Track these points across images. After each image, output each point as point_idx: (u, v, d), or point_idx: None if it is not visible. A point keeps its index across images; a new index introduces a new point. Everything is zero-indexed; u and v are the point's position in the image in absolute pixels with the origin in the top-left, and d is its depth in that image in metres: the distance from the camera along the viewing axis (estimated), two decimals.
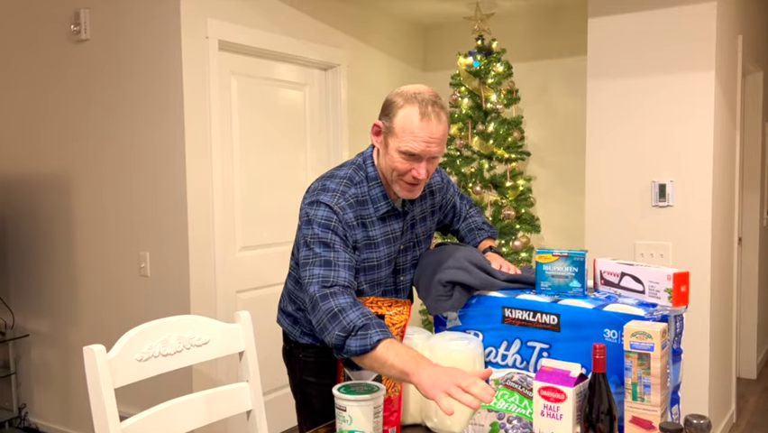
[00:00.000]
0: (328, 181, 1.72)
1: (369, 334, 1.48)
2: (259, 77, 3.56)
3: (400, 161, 1.65)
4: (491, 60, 3.88)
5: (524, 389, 1.62)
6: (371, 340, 1.47)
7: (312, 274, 1.59)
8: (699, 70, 3.22)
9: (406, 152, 1.63)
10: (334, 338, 1.51)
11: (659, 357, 1.38)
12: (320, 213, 1.65)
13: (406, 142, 1.62)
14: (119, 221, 3.32)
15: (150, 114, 3.17)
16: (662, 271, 1.56)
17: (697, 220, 3.27)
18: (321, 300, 1.55)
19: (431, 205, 1.90)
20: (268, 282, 3.60)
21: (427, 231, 1.91)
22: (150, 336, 1.50)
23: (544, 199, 4.28)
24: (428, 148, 1.62)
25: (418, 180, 1.67)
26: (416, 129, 1.61)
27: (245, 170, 3.49)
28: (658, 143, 3.34)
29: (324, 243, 1.62)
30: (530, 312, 1.65)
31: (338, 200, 1.67)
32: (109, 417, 1.35)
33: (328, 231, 1.63)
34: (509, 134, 3.85)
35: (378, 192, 1.73)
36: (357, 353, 1.49)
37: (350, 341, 1.49)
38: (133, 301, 3.27)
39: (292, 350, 1.90)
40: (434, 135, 1.62)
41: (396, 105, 1.66)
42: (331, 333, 1.52)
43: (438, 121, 1.63)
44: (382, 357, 1.46)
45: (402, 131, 1.63)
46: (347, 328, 1.50)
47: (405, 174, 1.66)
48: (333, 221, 1.64)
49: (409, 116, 1.62)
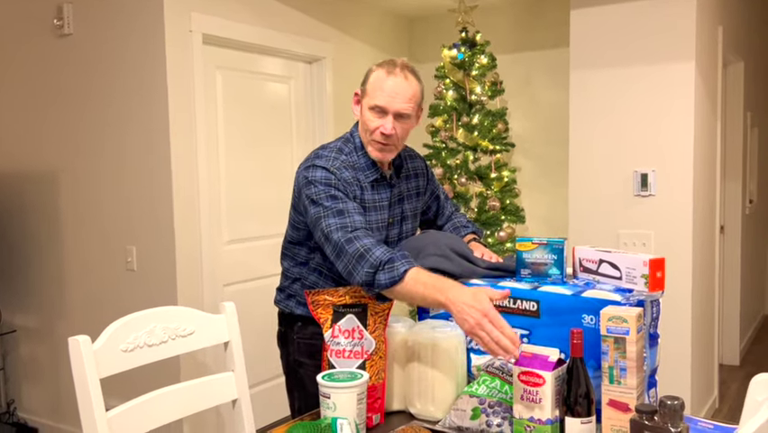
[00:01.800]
0: (320, 150, 1.85)
1: (395, 266, 1.61)
2: (243, 70, 3.57)
3: (370, 119, 1.79)
4: (475, 52, 3.91)
5: (504, 374, 1.65)
6: (398, 271, 1.60)
7: (329, 224, 1.70)
8: (680, 61, 3.26)
9: (374, 107, 1.78)
10: (364, 275, 1.62)
11: (634, 341, 1.41)
12: (318, 174, 1.76)
13: (373, 97, 1.78)
14: (105, 216, 3.32)
15: (134, 108, 3.17)
16: (639, 257, 1.60)
17: (678, 209, 3.31)
18: (346, 244, 1.66)
19: (416, 186, 2.01)
20: (255, 275, 3.62)
21: (414, 209, 2.01)
22: (135, 327, 1.52)
23: (528, 190, 4.31)
24: (393, 101, 1.76)
25: (387, 137, 1.79)
26: (383, 84, 1.77)
27: (231, 163, 3.50)
28: (640, 134, 3.38)
29: (331, 195, 1.73)
30: (510, 299, 1.68)
31: (332, 162, 1.79)
32: (95, 407, 1.36)
33: (330, 187, 1.75)
34: (494, 126, 3.88)
35: (366, 160, 1.85)
36: (387, 285, 1.61)
37: (379, 275, 1.61)
38: (120, 295, 3.28)
39: (287, 331, 1.97)
40: (399, 91, 1.76)
41: (371, 71, 1.83)
42: (360, 272, 1.63)
43: (404, 78, 1.77)
44: (413, 288, 1.60)
45: (372, 88, 1.79)
46: (374, 264, 1.61)
47: (374, 132, 1.79)
48: (332, 180, 1.76)
49: (378, 75, 1.79)
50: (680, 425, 1.31)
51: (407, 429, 1.58)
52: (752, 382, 1.08)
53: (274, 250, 3.70)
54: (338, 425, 1.45)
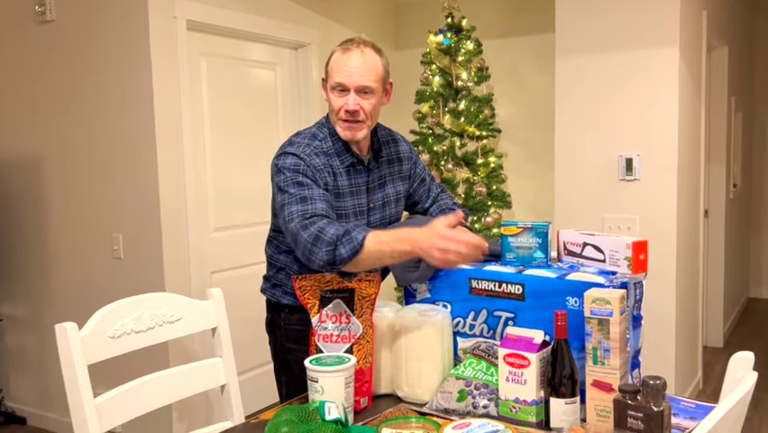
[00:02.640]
0: (293, 137, 1.86)
1: (353, 236, 1.61)
2: (228, 57, 3.55)
3: (334, 99, 1.81)
4: (461, 38, 3.90)
5: (490, 357, 1.67)
6: (358, 240, 1.60)
7: (290, 212, 1.69)
8: (665, 46, 3.28)
9: (335, 86, 1.79)
10: (325, 255, 1.62)
11: (618, 322, 1.43)
12: (288, 161, 1.77)
13: (333, 77, 1.79)
14: (91, 203, 3.30)
15: (118, 96, 3.15)
16: (622, 240, 1.62)
17: (663, 193, 3.34)
18: (302, 230, 1.66)
19: (399, 170, 2.00)
20: (242, 263, 3.62)
21: (397, 194, 1.99)
22: (122, 314, 1.52)
23: (514, 176, 4.33)
24: (351, 77, 1.76)
25: (352, 114, 1.78)
26: (341, 62, 1.79)
27: (217, 150, 3.49)
28: (625, 119, 3.40)
29: (297, 182, 1.73)
30: (496, 283, 1.69)
31: (304, 149, 1.79)
32: (83, 394, 1.37)
33: (298, 174, 1.74)
34: (480, 112, 3.89)
35: (341, 145, 1.85)
36: (350, 257, 1.61)
37: (339, 250, 1.61)
38: (107, 284, 3.27)
39: (274, 318, 1.97)
40: (357, 65, 1.77)
41: (331, 54, 1.84)
42: (319, 253, 1.62)
43: (361, 54, 1.78)
44: (376, 249, 1.61)
45: (332, 69, 1.81)
46: (331, 241, 1.61)
47: (339, 111, 1.80)
48: (301, 166, 1.76)
49: (336, 56, 1.81)
50: (662, 404, 1.34)
51: (395, 412, 1.60)
52: (731, 359, 1.11)
53: (261, 237, 3.70)
54: (326, 408, 1.46)
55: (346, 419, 1.45)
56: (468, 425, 1.23)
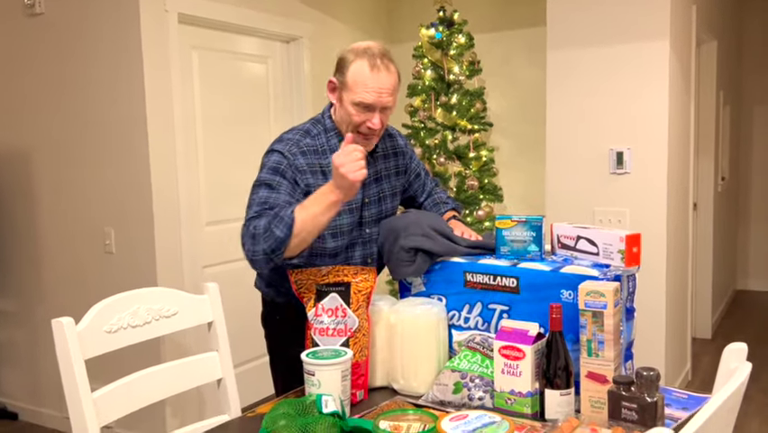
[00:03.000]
0: (285, 133, 1.84)
1: (281, 215, 1.61)
2: (220, 50, 3.53)
3: (355, 113, 1.75)
4: (453, 32, 3.91)
5: (485, 349, 1.68)
6: (287, 215, 1.60)
7: (248, 215, 1.69)
8: (655, 40, 3.30)
9: (359, 103, 1.73)
10: (266, 245, 1.60)
11: (612, 315, 1.45)
12: (273, 158, 1.76)
13: (359, 93, 1.73)
14: (82, 198, 3.29)
15: (110, 89, 3.13)
16: (615, 233, 1.63)
17: (653, 186, 3.37)
18: (244, 235, 1.66)
19: (395, 165, 1.99)
20: (234, 257, 3.61)
21: (393, 189, 1.98)
22: (118, 308, 1.53)
23: (506, 169, 4.35)
24: (380, 98, 1.73)
25: (373, 131, 1.78)
26: (368, 80, 1.72)
27: (209, 144, 3.48)
28: (616, 112, 3.42)
29: (268, 184, 1.71)
30: (491, 276, 1.71)
31: (290, 147, 1.77)
32: (80, 388, 1.37)
33: (276, 174, 1.73)
34: (472, 106, 3.90)
35: (336, 142, 1.82)
36: (288, 234, 1.59)
37: (275, 232, 1.59)
38: (99, 278, 3.26)
39: (269, 315, 1.98)
40: (384, 85, 1.73)
41: (348, 61, 1.75)
42: (260, 246, 1.61)
43: (388, 72, 1.74)
44: (304, 213, 1.60)
45: (354, 84, 1.73)
46: (265, 227, 1.61)
47: (360, 125, 1.76)
48: (282, 165, 1.74)
49: (360, 69, 1.73)
50: (655, 395, 1.36)
51: (391, 405, 1.61)
52: (725, 350, 1.12)
53: None
54: (323, 401, 1.47)
55: (343, 412, 1.46)
56: (465, 417, 1.25)
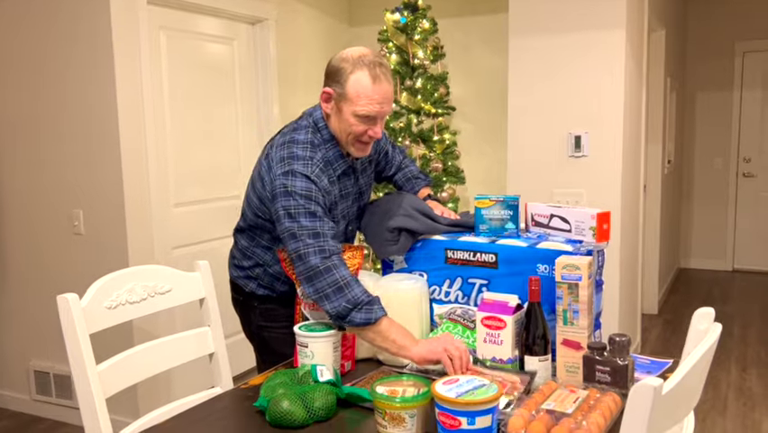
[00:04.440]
0: (294, 148, 1.75)
1: (374, 309, 1.62)
2: (187, 31, 3.53)
3: (356, 124, 1.73)
4: (417, 17, 3.98)
5: (466, 321, 1.79)
6: (376, 315, 1.62)
7: (306, 245, 1.64)
8: (612, 28, 3.45)
9: (363, 115, 1.71)
10: (341, 308, 1.62)
11: (586, 286, 1.57)
12: (298, 183, 1.68)
13: (362, 106, 1.70)
14: (50, 179, 3.26)
15: (79, 68, 3.10)
16: (587, 211, 1.76)
17: (608, 169, 3.54)
18: (325, 272, 1.63)
19: (368, 157, 1.98)
20: (202, 238, 3.64)
21: (368, 182, 2.00)
22: (116, 285, 1.57)
23: (467, 152, 4.47)
24: (382, 109, 1.73)
25: (373, 139, 1.78)
26: (371, 92, 1.70)
27: (177, 125, 3.48)
28: (574, 98, 3.57)
29: (310, 212, 1.67)
30: (470, 252, 1.81)
31: (312, 169, 1.72)
32: (87, 362, 1.41)
33: (311, 202, 1.67)
34: (436, 90, 3.99)
35: (334, 153, 1.81)
36: (360, 324, 1.62)
37: (355, 313, 1.61)
38: (68, 260, 3.24)
39: (246, 300, 1.97)
40: (387, 96, 1.72)
41: (345, 71, 1.71)
42: (335, 303, 1.62)
43: (387, 81, 1.73)
44: (384, 332, 1.62)
45: (356, 95, 1.70)
46: (353, 301, 1.61)
47: (361, 135, 1.76)
48: (312, 191, 1.69)
49: (361, 81, 1.69)
50: (627, 358, 1.49)
51: (379, 374, 1.71)
52: (695, 314, 1.25)
53: (218, 213, 3.74)
54: (318, 371, 1.55)
55: (338, 380, 1.55)
56: (456, 381, 1.34)
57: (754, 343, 4.43)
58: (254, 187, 1.86)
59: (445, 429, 1.28)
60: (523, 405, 1.36)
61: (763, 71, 6.27)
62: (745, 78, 6.34)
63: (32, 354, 3.45)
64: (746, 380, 3.82)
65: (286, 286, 1.92)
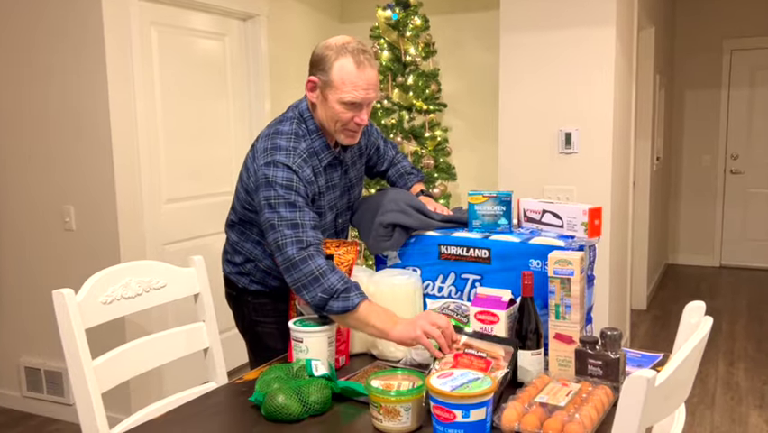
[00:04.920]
0: (278, 139, 1.76)
1: (350, 297, 1.62)
2: (178, 26, 3.52)
3: (342, 111, 1.74)
4: (409, 13, 3.99)
5: (459, 315, 1.81)
6: (353, 302, 1.62)
7: (284, 235, 1.65)
8: (602, 26, 3.47)
9: (348, 102, 1.72)
10: (317, 299, 1.63)
11: (578, 281, 1.59)
12: (279, 174, 1.69)
13: (347, 92, 1.72)
14: (39, 174, 3.24)
15: (70, 64, 3.08)
16: (579, 207, 1.77)
17: (598, 165, 3.57)
18: (300, 263, 1.64)
19: (358, 149, 1.99)
20: (194, 234, 3.64)
21: (359, 174, 2.02)
22: (111, 280, 1.57)
23: (459, 149, 4.48)
24: (368, 95, 1.74)
25: (360, 126, 1.79)
26: (355, 78, 1.71)
27: (169, 121, 3.47)
28: (565, 95, 3.59)
29: (290, 203, 1.68)
30: (463, 248, 1.83)
31: (294, 159, 1.73)
32: (82, 356, 1.42)
33: (291, 192, 1.68)
34: (427, 86, 4.00)
35: (320, 144, 1.82)
36: (339, 312, 1.62)
37: (332, 302, 1.62)
38: (60, 256, 3.23)
39: (239, 296, 1.99)
40: (371, 81, 1.74)
41: (329, 59, 1.72)
42: (312, 293, 1.63)
43: (372, 67, 1.74)
44: (363, 318, 1.62)
45: (342, 82, 1.71)
46: (329, 291, 1.62)
47: (348, 123, 1.77)
48: (293, 181, 1.70)
49: (345, 68, 1.71)
50: (618, 352, 1.51)
51: (373, 368, 1.72)
52: (686, 307, 1.27)
53: (210, 209, 3.74)
54: (313, 365, 1.56)
55: (333, 375, 1.56)
56: (450, 374, 1.36)
57: (742, 338, 4.48)
58: (241, 179, 1.87)
59: (440, 422, 1.30)
60: (516, 398, 1.38)
61: (750, 69, 6.33)
62: (733, 75, 6.40)
63: (22, 350, 3.43)
64: (734, 374, 3.86)
65: (277, 281, 1.92)
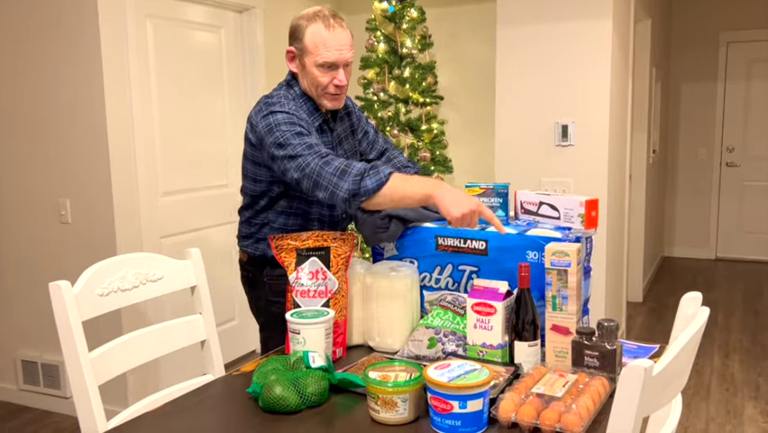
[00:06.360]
0: (268, 99, 1.87)
1: (380, 170, 1.69)
2: (174, 19, 3.50)
3: (320, 74, 1.85)
4: (405, 5, 3.98)
5: (456, 307, 1.81)
6: (385, 173, 1.68)
7: (304, 158, 1.73)
8: (599, 18, 3.47)
9: (323, 64, 1.83)
10: (351, 184, 1.68)
11: (575, 272, 1.59)
12: (279, 117, 1.79)
13: (321, 54, 1.82)
14: (35, 167, 3.23)
15: (65, 56, 3.07)
16: (575, 198, 1.78)
17: (595, 158, 3.57)
18: (324, 166, 1.71)
19: (350, 125, 2.08)
20: (190, 227, 3.63)
21: (352, 148, 2.08)
22: (108, 273, 1.57)
23: (455, 142, 4.48)
24: (341, 55, 1.84)
25: (340, 88, 1.88)
26: (327, 40, 1.82)
27: (165, 114, 3.46)
28: (561, 87, 3.59)
29: (297, 133, 1.77)
30: (461, 239, 1.83)
31: (289, 106, 1.84)
32: (79, 348, 1.41)
33: (294, 125, 1.78)
34: (424, 79, 4.00)
35: (309, 106, 1.92)
36: (375, 189, 1.67)
37: (365, 181, 1.68)
38: (56, 249, 3.23)
39: (255, 275, 2.04)
40: (343, 42, 1.84)
41: (302, 27, 1.85)
42: (344, 183, 1.68)
43: (342, 29, 1.85)
44: (400, 186, 1.67)
45: (314, 46, 1.83)
46: (358, 173, 1.68)
47: (327, 86, 1.86)
48: (294, 118, 1.80)
49: (317, 31, 1.82)
50: (615, 343, 1.52)
51: (371, 360, 1.72)
52: (683, 298, 1.27)
53: (207, 202, 3.73)
54: (310, 357, 1.56)
55: (330, 366, 1.56)
56: (448, 366, 1.36)
57: (737, 330, 4.50)
58: (245, 157, 1.95)
59: (437, 413, 1.30)
60: (513, 389, 1.38)
61: (746, 61, 6.34)
62: (729, 68, 6.40)
63: (19, 343, 3.43)
64: (729, 366, 3.88)
65: None
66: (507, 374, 1.51)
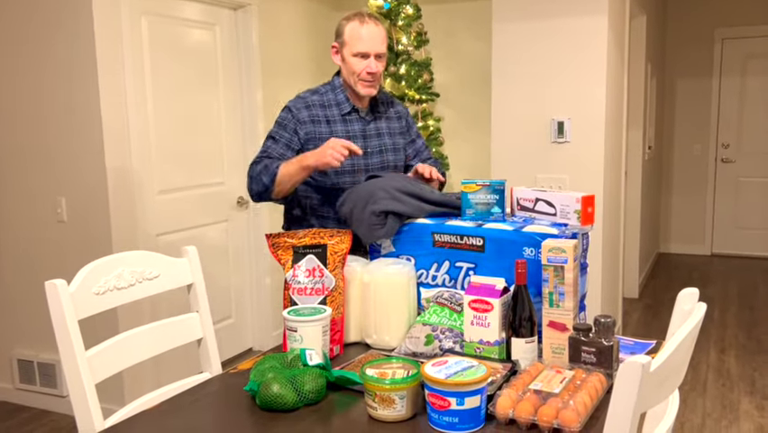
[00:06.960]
0: (302, 92, 2.23)
1: (270, 168, 2.07)
2: (168, 16, 3.49)
3: (356, 63, 2.13)
4: (401, 2, 3.97)
5: (453, 304, 1.81)
6: (274, 168, 2.07)
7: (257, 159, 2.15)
8: (594, 14, 3.47)
9: (357, 53, 2.12)
10: (257, 187, 2.11)
11: (572, 269, 1.59)
12: (282, 114, 2.18)
13: (355, 45, 2.12)
14: (30, 165, 3.22)
15: (60, 54, 3.06)
16: (571, 195, 1.78)
17: (591, 154, 3.57)
18: (247, 177, 2.17)
19: (399, 126, 2.35)
20: (186, 225, 3.62)
21: (395, 144, 2.31)
22: (104, 271, 1.56)
23: (451, 139, 4.48)
24: (373, 45, 2.12)
25: (373, 75, 2.14)
26: (361, 33, 2.12)
27: (160, 111, 3.45)
28: (557, 84, 3.59)
29: (272, 137, 2.17)
30: (457, 236, 1.83)
31: (297, 103, 2.18)
32: (75, 347, 1.41)
33: (280, 128, 2.17)
34: (420, 76, 3.99)
35: (342, 96, 2.21)
36: (272, 180, 2.06)
37: (263, 179, 2.08)
38: (52, 248, 3.22)
39: None
40: (375, 35, 2.13)
41: (342, 25, 2.17)
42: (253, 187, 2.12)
43: (376, 24, 2.14)
44: (285, 173, 2.06)
45: (351, 38, 2.13)
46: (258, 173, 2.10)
47: (361, 72, 2.13)
48: (286, 120, 2.16)
49: (353, 27, 2.14)
50: (612, 339, 1.52)
51: (368, 357, 1.72)
52: (680, 294, 1.28)
53: (202, 200, 3.73)
54: (307, 355, 1.56)
55: (327, 364, 1.56)
56: (445, 362, 1.36)
57: (733, 326, 4.52)
58: None
59: (435, 410, 1.30)
60: (510, 386, 1.39)
61: (741, 58, 6.35)
62: (724, 64, 6.41)
63: (15, 342, 3.42)
64: (725, 362, 3.89)
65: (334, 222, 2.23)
66: (504, 371, 1.51)
